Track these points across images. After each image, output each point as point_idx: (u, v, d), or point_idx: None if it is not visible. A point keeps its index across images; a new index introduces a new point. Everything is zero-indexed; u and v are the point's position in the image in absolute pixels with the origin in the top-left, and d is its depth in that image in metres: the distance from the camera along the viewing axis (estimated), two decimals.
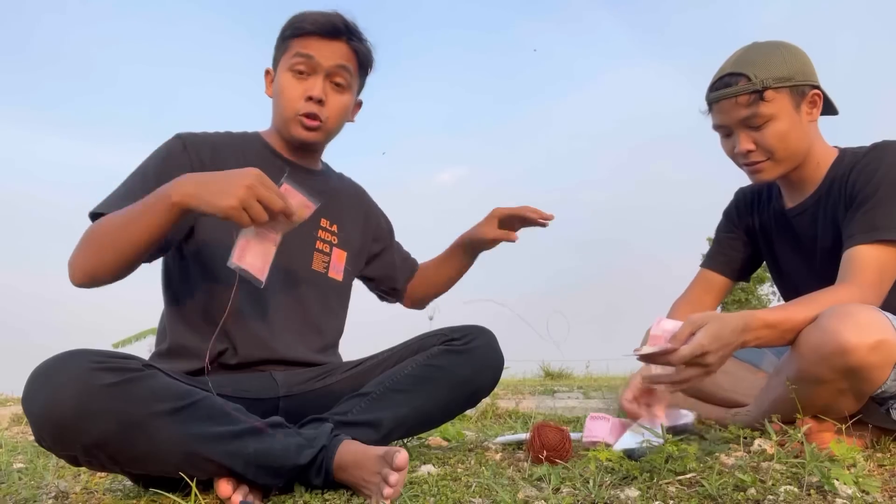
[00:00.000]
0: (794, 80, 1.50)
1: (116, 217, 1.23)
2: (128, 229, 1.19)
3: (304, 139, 1.50)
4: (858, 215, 1.45)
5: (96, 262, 1.23)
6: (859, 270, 1.40)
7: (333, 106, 1.49)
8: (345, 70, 1.49)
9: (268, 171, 1.50)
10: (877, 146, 1.52)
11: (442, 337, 1.49)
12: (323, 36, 1.47)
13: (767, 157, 1.54)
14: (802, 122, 1.53)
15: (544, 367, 7.44)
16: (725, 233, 1.86)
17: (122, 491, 1.33)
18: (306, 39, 1.47)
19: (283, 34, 1.51)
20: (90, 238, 1.26)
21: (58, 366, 1.04)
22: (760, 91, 1.48)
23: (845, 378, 1.26)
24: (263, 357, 1.44)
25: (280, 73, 1.49)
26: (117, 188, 1.38)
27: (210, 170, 1.39)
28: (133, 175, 1.40)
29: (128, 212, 1.22)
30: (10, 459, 1.78)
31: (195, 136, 1.47)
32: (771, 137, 1.51)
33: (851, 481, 1.03)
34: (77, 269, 1.25)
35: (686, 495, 1.03)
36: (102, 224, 1.25)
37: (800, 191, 1.63)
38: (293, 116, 1.47)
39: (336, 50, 1.48)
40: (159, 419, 1.06)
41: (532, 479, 1.21)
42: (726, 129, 1.58)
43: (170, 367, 1.23)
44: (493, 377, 1.52)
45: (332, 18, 1.48)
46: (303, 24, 1.47)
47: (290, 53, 1.47)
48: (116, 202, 1.32)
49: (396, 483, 1.06)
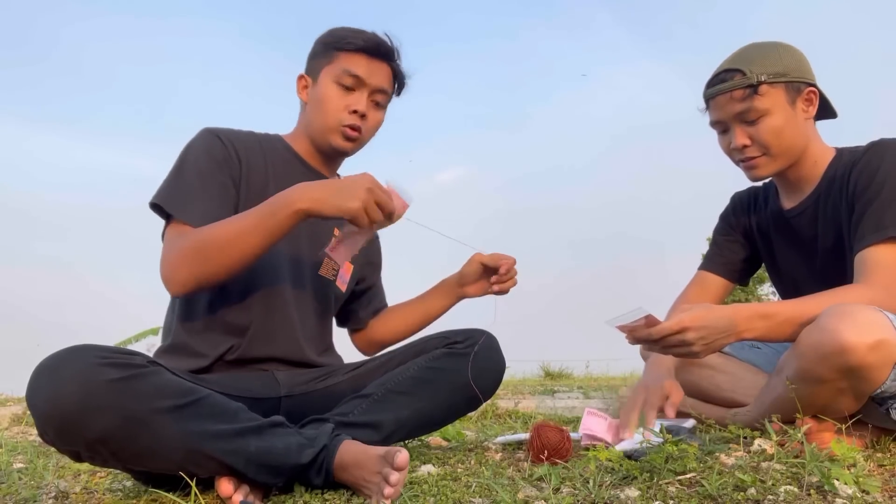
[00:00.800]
0: (789, 76, 1.52)
1: (227, 227, 1.27)
2: (246, 240, 1.25)
3: (341, 148, 1.54)
4: (866, 217, 1.45)
5: (210, 271, 1.27)
6: (873, 271, 1.40)
7: (372, 122, 1.55)
8: (386, 91, 1.55)
9: (290, 173, 1.52)
10: (875, 144, 1.52)
11: (444, 339, 1.50)
12: (371, 56, 1.51)
13: (763, 153, 1.55)
14: (798, 118, 1.54)
15: (544, 367, 7.44)
16: (723, 235, 1.86)
17: (123, 491, 1.33)
18: (355, 56, 1.51)
19: (327, 44, 1.53)
20: (197, 248, 1.27)
21: (62, 361, 1.04)
22: (755, 85, 1.50)
23: (845, 377, 1.26)
24: (266, 354, 1.44)
25: (323, 83, 1.51)
26: (180, 187, 1.38)
27: (245, 165, 1.45)
28: (188, 174, 1.39)
29: (240, 222, 1.27)
30: (10, 459, 1.79)
31: (225, 130, 1.49)
32: (766, 132, 1.52)
33: (851, 481, 1.03)
34: (183, 278, 1.29)
35: (686, 495, 1.03)
36: (210, 235, 1.27)
37: (797, 191, 1.63)
38: (336, 125, 1.51)
39: (382, 71, 1.53)
40: (162, 416, 1.06)
41: (532, 479, 1.21)
42: (723, 124, 1.59)
43: (174, 365, 1.23)
44: (495, 380, 1.53)
45: (379, 39, 1.53)
46: (353, 40, 1.51)
47: (336, 65, 1.50)
48: (198, 206, 1.35)
49: (397, 483, 1.06)
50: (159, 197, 1.38)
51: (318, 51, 1.56)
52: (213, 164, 1.41)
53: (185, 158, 1.42)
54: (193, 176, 1.39)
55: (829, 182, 1.57)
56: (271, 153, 1.53)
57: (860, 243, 1.44)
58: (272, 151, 1.54)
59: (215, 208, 1.36)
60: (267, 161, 1.50)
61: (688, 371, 1.83)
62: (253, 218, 1.26)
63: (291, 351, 1.48)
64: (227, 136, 1.47)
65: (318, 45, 1.57)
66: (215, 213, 1.34)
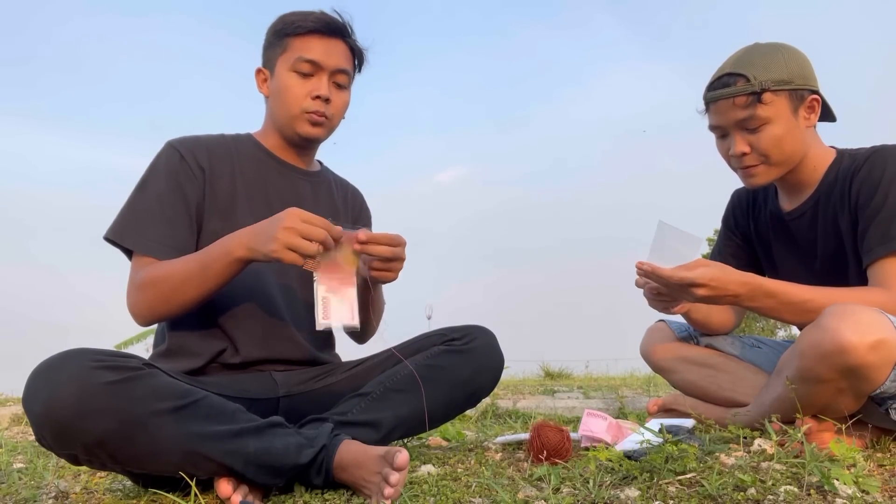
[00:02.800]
0: (794, 83, 1.49)
1: (177, 269, 1.30)
2: (192, 284, 1.29)
3: (310, 135, 1.51)
4: (872, 227, 1.44)
5: (164, 309, 1.33)
6: (890, 279, 1.40)
7: (337, 104, 1.52)
8: (346, 71, 1.52)
9: (262, 171, 1.51)
10: (876, 151, 1.50)
11: (442, 337, 1.49)
12: (324, 34, 1.48)
13: (762, 161, 1.53)
14: (799, 126, 1.52)
15: (544, 367, 7.44)
16: (724, 241, 1.86)
17: (122, 491, 1.33)
18: (307, 39, 1.47)
19: (277, 32, 1.50)
20: (151, 286, 1.31)
21: (58, 364, 1.04)
22: (759, 93, 1.46)
23: (845, 377, 1.26)
24: (263, 356, 1.44)
25: (281, 73, 1.49)
26: (132, 211, 1.39)
27: (209, 174, 1.44)
28: (143, 196, 1.40)
29: (186, 266, 1.30)
30: (10, 459, 1.79)
31: (187, 141, 1.47)
32: (766, 141, 1.50)
33: (851, 481, 1.03)
34: (142, 313, 1.34)
35: (686, 495, 1.03)
36: (161, 274, 1.31)
37: (797, 193, 1.62)
38: (299, 113, 1.48)
39: (338, 50, 1.50)
40: (159, 418, 1.06)
41: (532, 479, 1.21)
42: (722, 129, 1.56)
43: (169, 367, 1.23)
44: (493, 377, 1.52)
45: (329, 17, 1.49)
46: (303, 23, 1.47)
47: (290, 53, 1.48)
48: (144, 231, 1.36)
49: (397, 483, 1.06)
50: (114, 232, 1.38)
51: (270, 41, 1.53)
52: (174, 184, 1.40)
53: (145, 180, 1.43)
54: (153, 200, 1.39)
55: (829, 185, 1.55)
56: (241, 155, 1.52)
57: (869, 255, 1.44)
58: (242, 152, 1.52)
59: (175, 233, 1.38)
60: (235, 164, 1.49)
61: (688, 371, 1.83)
62: (194, 265, 1.29)
63: (286, 349, 1.47)
64: (189, 147, 1.46)
65: (269, 34, 1.53)
66: (174, 238, 1.37)
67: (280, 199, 1.50)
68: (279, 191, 1.53)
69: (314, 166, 1.65)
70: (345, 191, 1.72)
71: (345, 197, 1.70)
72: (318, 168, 1.67)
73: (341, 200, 1.68)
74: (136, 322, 1.35)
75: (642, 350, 1.94)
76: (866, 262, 1.45)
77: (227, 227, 1.39)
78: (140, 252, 1.36)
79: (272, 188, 1.52)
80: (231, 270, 1.27)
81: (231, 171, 1.48)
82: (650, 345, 1.91)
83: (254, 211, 1.46)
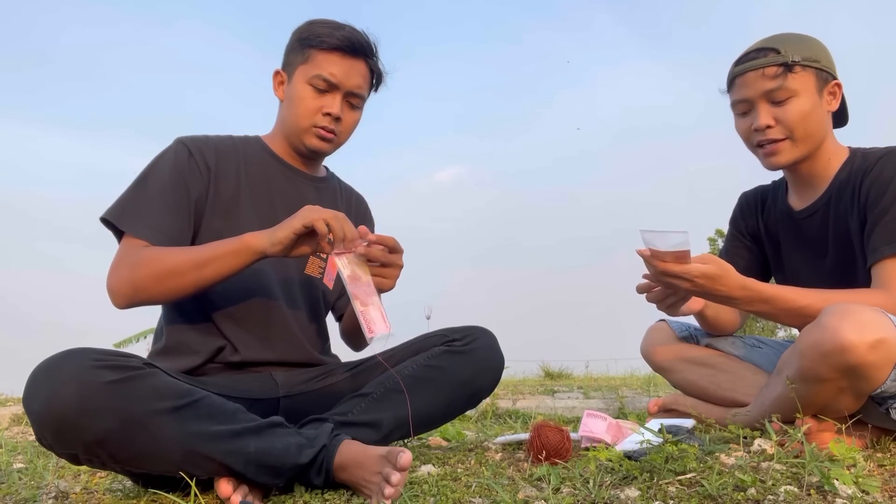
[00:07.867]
0: (821, 63, 1.52)
1: (176, 253, 1.30)
2: (203, 271, 1.28)
3: (316, 148, 1.52)
4: (878, 228, 1.44)
5: (153, 289, 1.29)
6: (891, 281, 1.41)
7: (347, 123, 1.53)
8: (362, 94, 1.52)
9: (267, 174, 1.52)
10: (889, 152, 1.51)
11: (442, 337, 1.49)
12: (346, 53, 1.48)
13: (786, 136, 1.53)
14: (822, 107, 1.53)
15: (544, 367, 7.45)
16: (732, 242, 1.85)
17: (122, 491, 1.33)
18: (329, 55, 1.47)
19: (302, 41, 1.49)
20: (146, 266, 1.29)
21: (58, 364, 1.04)
22: (789, 64, 1.49)
23: (845, 376, 1.26)
24: (263, 358, 1.44)
25: (297, 83, 1.49)
26: (132, 196, 1.39)
27: (215, 173, 1.45)
28: (145, 184, 1.40)
29: (191, 252, 1.30)
30: (10, 459, 1.79)
31: (197, 139, 1.48)
32: (792, 114, 1.51)
33: (851, 481, 1.03)
34: (124, 292, 1.30)
35: (686, 495, 1.03)
36: (160, 256, 1.30)
37: (809, 188, 1.62)
38: (309, 127, 1.49)
39: (357, 71, 1.50)
40: (160, 417, 1.06)
41: (532, 479, 1.21)
42: (747, 103, 1.56)
43: (168, 366, 1.23)
44: (494, 378, 1.53)
45: (356, 36, 1.49)
46: (328, 39, 1.46)
47: (310, 65, 1.47)
48: (142, 216, 1.35)
49: (398, 483, 1.06)
50: (112, 213, 1.38)
51: (294, 46, 1.52)
52: (178, 177, 1.40)
53: (150, 170, 1.42)
54: (156, 189, 1.39)
55: (841, 185, 1.55)
56: (247, 156, 1.52)
57: (874, 255, 1.44)
58: (248, 154, 1.52)
59: (172, 223, 1.37)
60: (241, 165, 1.49)
61: (688, 371, 1.83)
62: (207, 249, 1.29)
63: (287, 350, 1.48)
64: (197, 145, 1.46)
65: (294, 38, 1.53)
66: (171, 227, 1.37)
67: (284, 203, 1.50)
68: (283, 194, 1.53)
69: (320, 172, 1.66)
70: (349, 197, 1.72)
71: (349, 203, 1.70)
72: (324, 174, 1.67)
73: (346, 207, 1.68)
74: (114, 302, 1.32)
75: (643, 350, 1.94)
76: (870, 262, 1.45)
77: (229, 227, 1.39)
78: (135, 235, 1.35)
79: (277, 191, 1.52)
80: (238, 262, 1.27)
81: (236, 171, 1.49)
82: (650, 345, 1.91)
83: (257, 212, 1.47)
